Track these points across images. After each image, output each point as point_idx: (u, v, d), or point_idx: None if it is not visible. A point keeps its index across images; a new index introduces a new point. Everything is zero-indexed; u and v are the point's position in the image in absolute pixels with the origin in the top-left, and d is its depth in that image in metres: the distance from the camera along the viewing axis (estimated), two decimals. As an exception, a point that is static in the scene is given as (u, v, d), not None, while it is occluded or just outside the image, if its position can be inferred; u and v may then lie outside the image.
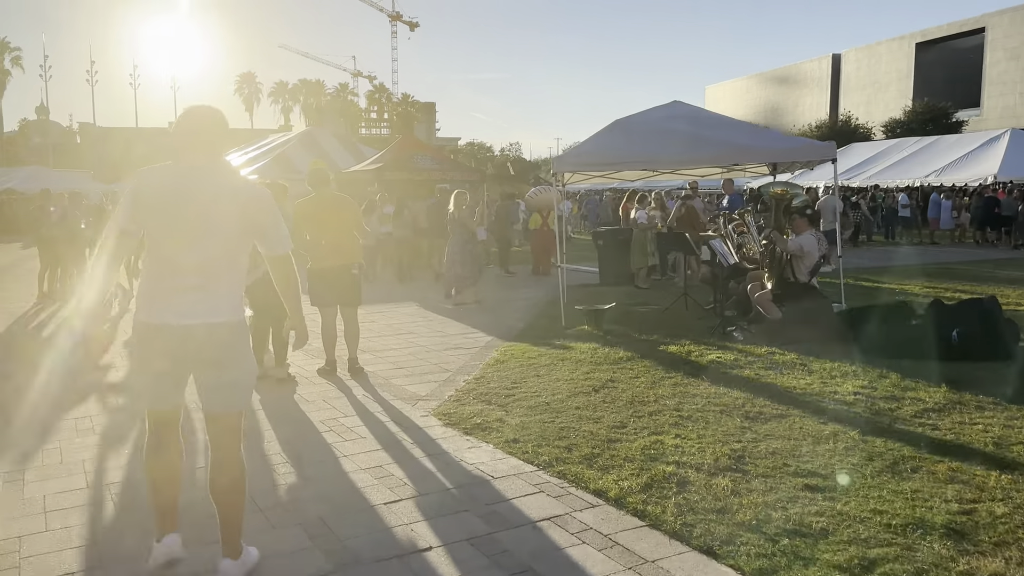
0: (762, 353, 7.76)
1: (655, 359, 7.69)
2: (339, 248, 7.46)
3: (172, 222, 3.23)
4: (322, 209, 7.45)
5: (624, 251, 15.08)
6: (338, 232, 7.48)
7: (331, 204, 7.53)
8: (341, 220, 7.49)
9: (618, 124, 10.39)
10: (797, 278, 8.24)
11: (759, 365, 7.31)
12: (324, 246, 7.41)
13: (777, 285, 8.27)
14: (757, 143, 9.46)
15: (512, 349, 8.60)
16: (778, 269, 8.24)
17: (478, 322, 10.68)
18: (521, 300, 13.03)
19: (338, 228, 7.48)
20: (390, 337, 9.68)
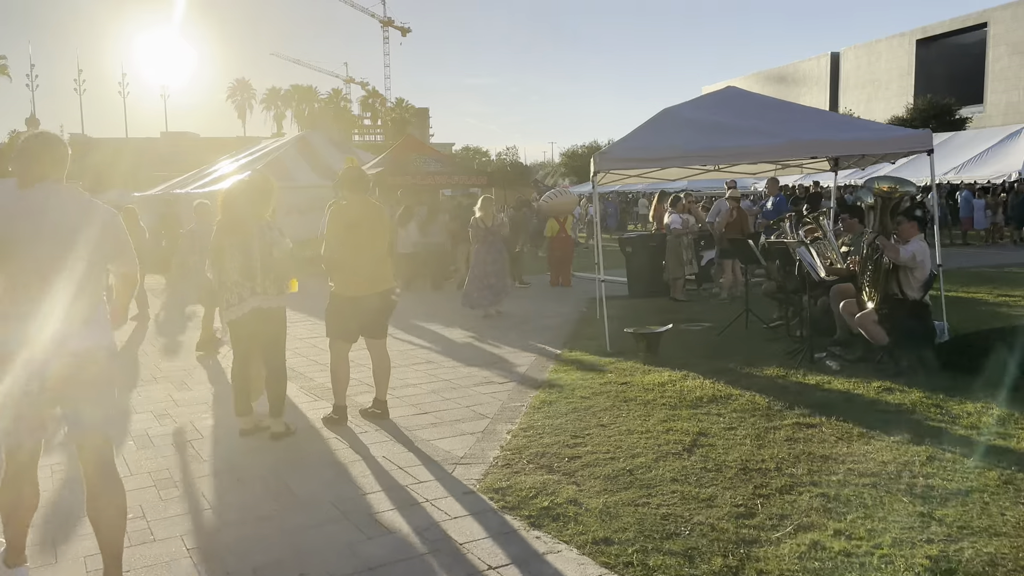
0: (876, 390, 6.26)
1: (744, 399, 6.18)
2: (380, 272, 6.08)
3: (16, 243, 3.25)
4: (363, 221, 6.00)
5: (656, 259, 13.60)
6: (377, 251, 6.08)
7: (372, 216, 6.08)
8: (379, 236, 6.10)
9: (667, 114, 8.91)
10: (906, 294, 6.75)
11: (884, 408, 5.81)
12: (363, 269, 5.97)
13: (883, 303, 6.78)
14: (839, 134, 7.99)
15: (557, 382, 7.10)
16: (883, 283, 6.75)
17: (505, 345, 9.17)
18: (548, 317, 11.52)
19: (377, 246, 6.08)
20: (406, 368, 8.16)
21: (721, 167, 9.97)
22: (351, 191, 6.05)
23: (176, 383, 7.77)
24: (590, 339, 9.40)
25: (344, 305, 5.99)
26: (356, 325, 6.03)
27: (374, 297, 5.96)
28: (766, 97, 9.31)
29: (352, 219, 5.94)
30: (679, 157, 8.08)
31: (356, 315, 5.97)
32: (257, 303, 5.73)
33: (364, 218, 5.95)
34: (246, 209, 5.78)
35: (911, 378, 6.50)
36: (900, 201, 6.78)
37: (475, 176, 20.42)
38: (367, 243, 5.92)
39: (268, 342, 5.94)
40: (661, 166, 8.58)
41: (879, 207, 6.79)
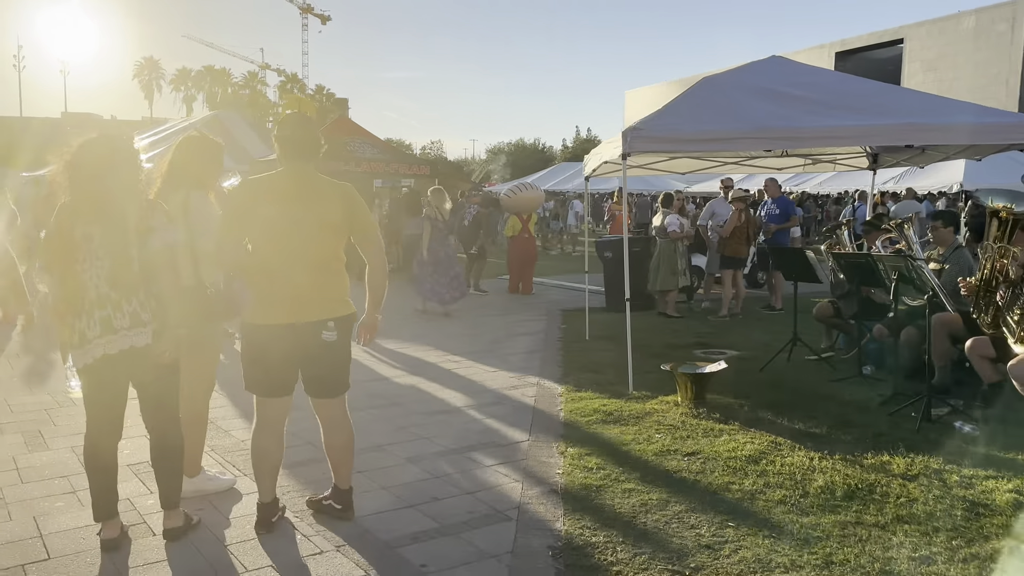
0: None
1: (896, 492, 4.16)
2: (315, 291, 3.68)
3: None
4: (292, 204, 3.64)
5: (639, 267, 11.60)
6: (315, 256, 3.68)
7: (311, 199, 3.69)
8: (320, 232, 3.67)
9: (712, 84, 6.87)
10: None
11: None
12: (283, 281, 3.64)
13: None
14: (939, 116, 6.11)
15: (582, 442, 4.94)
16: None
17: (486, 374, 6.97)
18: (523, 335, 9.36)
19: (317, 244, 3.68)
20: (364, 414, 5.86)
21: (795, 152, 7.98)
22: (289, 155, 3.71)
23: (28, 436, 5.28)
24: (594, 371, 7.31)
25: (254, 339, 3.71)
26: (281, 374, 3.73)
27: (299, 331, 3.63)
28: (830, 71, 7.38)
29: (274, 198, 3.64)
30: (741, 138, 6.03)
31: (276, 358, 3.68)
32: (130, 340, 3.43)
33: (295, 200, 3.63)
34: (118, 174, 3.46)
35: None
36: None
37: (417, 166, 18.04)
38: (295, 240, 3.60)
39: (153, 399, 3.63)
40: (715, 147, 6.55)
41: (1009, 224, 4.92)
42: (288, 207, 3.61)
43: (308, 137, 3.73)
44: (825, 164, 9.11)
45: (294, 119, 3.80)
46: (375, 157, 16.35)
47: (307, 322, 3.63)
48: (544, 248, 22.84)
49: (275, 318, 3.63)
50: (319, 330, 3.63)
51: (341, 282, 3.77)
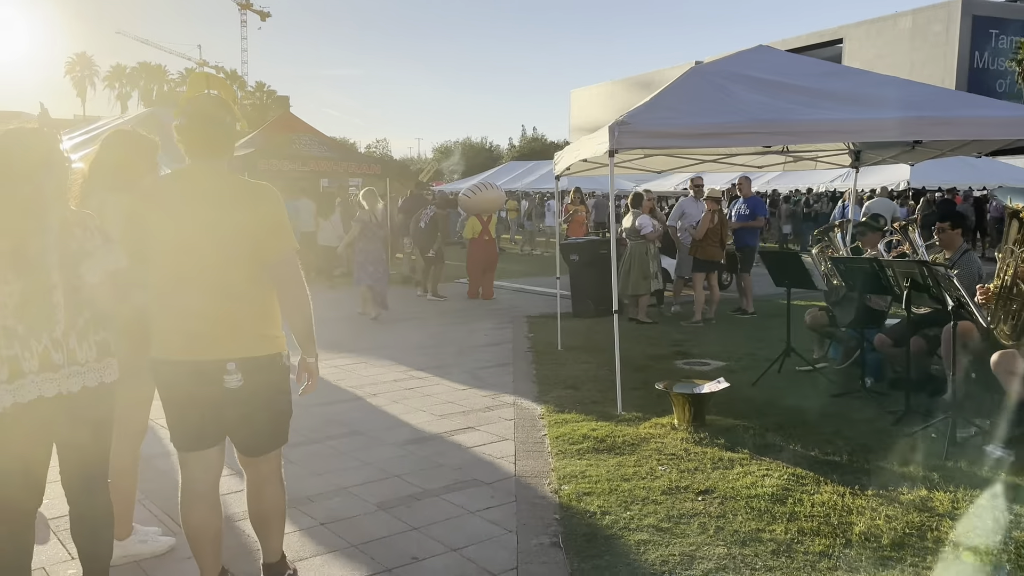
0: None
1: (948, 538, 3.63)
2: (214, 319, 2.91)
3: None
4: (193, 214, 2.90)
5: (607, 270, 11.04)
6: (217, 273, 2.91)
7: (213, 199, 2.93)
8: (234, 243, 2.90)
9: (700, 74, 6.29)
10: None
11: None
12: (182, 311, 2.91)
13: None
14: (949, 109, 5.62)
15: (578, 478, 4.31)
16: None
17: (455, 391, 6.28)
18: (490, 345, 8.70)
19: (221, 263, 2.91)
20: (320, 447, 5.14)
21: (794, 148, 7.46)
22: (192, 149, 2.95)
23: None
24: (573, 387, 6.70)
25: (156, 377, 3.00)
26: (197, 422, 2.98)
27: (200, 370, 2.88)
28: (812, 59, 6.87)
29: (169, 204, 2.91)
30: (741, 133, 5.46)
31: (184, 401, 2.95)
32: (56, 386, 2.70)
33: (195, 206, 2.89)
34: (31, 176, 2.74)
35: None
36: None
37: (368, 164, 17.20)
38: (192, 257, 2.87)
39: (79, 459, 2.90)
40: (710, 143, 5.98)
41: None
42: (185, 215, 2.86)
43: (215, 126, 2.94)
44: (807, 162, 8.66)
45: (198, 103, 2.99)
46: (323, 155, 15.48)
47: (207, 360, 2.87)
48: (520, 250, 22.23)
49: (172, 352, 2.90)
50: (220, 372, 2.87)
51: (257, 311, 2.95)
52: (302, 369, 3.12)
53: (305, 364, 3.12)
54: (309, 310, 3.06)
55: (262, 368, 2.95)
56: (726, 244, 10.16)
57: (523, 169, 41.76)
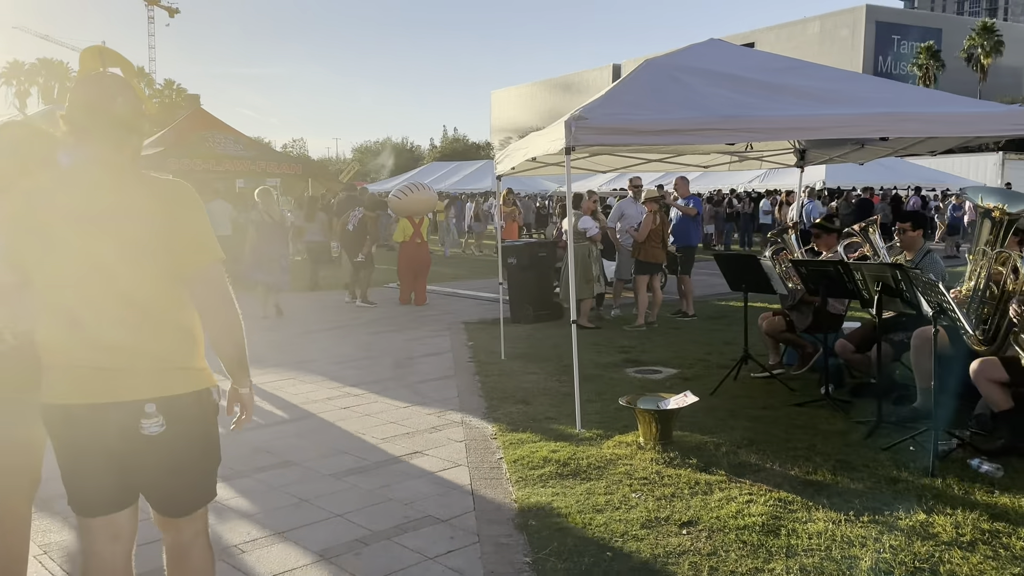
0: None
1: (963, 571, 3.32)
2: (124, 350, 2.30)
3: None
4: (76, 212, 2.27)
5: (546, 273, 10.67)
6: (123, 291, 2.30)
7: (111, 201, 2.30)
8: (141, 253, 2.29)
9: (654, 67, 5.90)
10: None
11: None
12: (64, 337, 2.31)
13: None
14: (918, 105, 5.42)
15: (546, 512, 3.86)
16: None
17: (395, 409, 5.74)
18: (428, 356, 8.16)
19: (127, 279, 2.30)
20: (243, 483, 4.53)
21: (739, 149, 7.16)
22: (84, 138, 2.34)
23: None
24: (523, 402, 6.24)
25: (47, 426, 2.40)
26: (99, 481, 2.38)
27: (104, 415, 2.29)
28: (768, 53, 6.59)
29: (58, 206, 2.30)
30: (707, 130, 5.08)
31: (82, 455, 2.36)
32: None
33: (90, 209, 2.28)
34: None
35: None
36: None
37: (287, 164, 16.36)
38: (91, 273, 2.28)
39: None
40: (672, 140, 5.60)
41: None
42: (83, 222, 2.26)
43: (108, 109, 2.34)
44: (752, 161, 8.44)
45: (89, 83, 2.39)
46: (239, 154, 14.63)
47: (118, 402, 2.28)
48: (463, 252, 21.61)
49: (70, 394, 2.30)
50: (136, 416, 2.31)
51: (179, 338, 2.38)
52: (233, 400, 2.58)
53: (238, 395, 2.58)
54: (241, 333, 2.50)
55: (188, 408, 2.38)
56: (667, 245, 9.89)
57: (446, 170, 41.22)
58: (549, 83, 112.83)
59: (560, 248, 10.58)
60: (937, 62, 63.53)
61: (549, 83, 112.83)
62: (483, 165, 39.80)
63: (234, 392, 2.57)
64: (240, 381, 2.56)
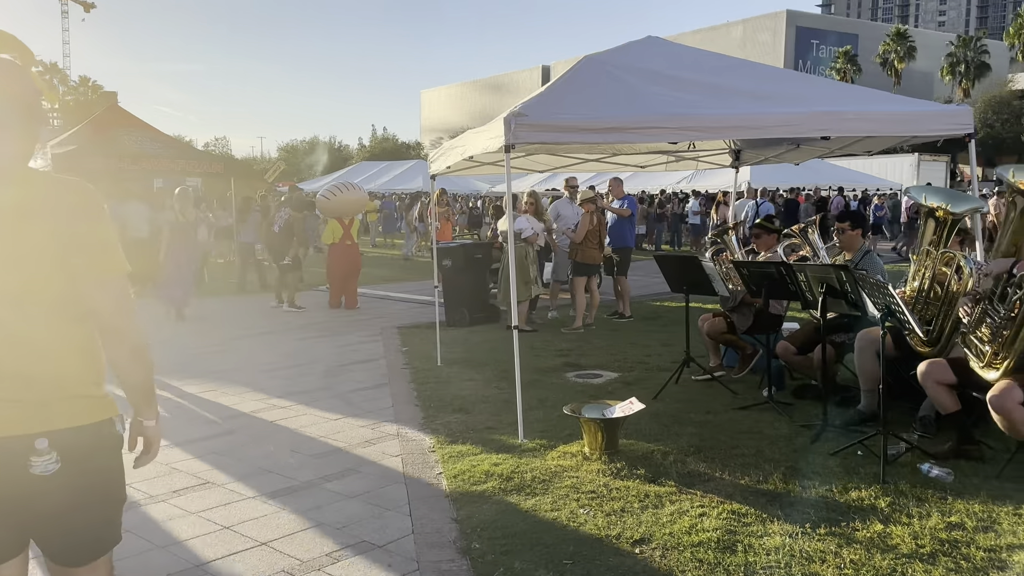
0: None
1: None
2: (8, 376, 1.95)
3: None
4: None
5: (483, 276, 10.43)
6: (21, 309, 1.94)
7: (10, 206, 1.93)
8: (34, 263, 1.95)
9: (594, 64, 5.71)
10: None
11: None
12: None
13: (1020, 369, 4.20)
14: (860, 103, 5.36)
15: (507, 566, 3.61)
16: (1014, 333, 4.15)
17: (332, 435, 5.41)
18: (359, 363, 7.82)
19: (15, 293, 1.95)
20: (167, 502, 4.15)
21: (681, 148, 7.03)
22: None
23: None
24: (462, 411, 5.98)
25: None
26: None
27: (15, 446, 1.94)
28: (705, 51, 6.48)
29: None
30: (649, 128, 4.91)
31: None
32: None
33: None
34: None
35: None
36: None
37: (208, 163, 15.68)
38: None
39: None
40: (614, 138, 5.40)
41: (1016, 214, 4.20)
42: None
43: (7, 101, 1.98)
44: (688, 161, 8.36)
45: None
46: (157, 153, 13.93)
47: (3, 437, 1.94)
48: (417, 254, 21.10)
49: None
50: (25, 453, 1.97)
51: (77, 363, 2.05)
52: (136, 434, 2.26)
53: (142, 428, 2.25)
54: (148, 357, 2.18)
55: (86, 442, 2.04)
56: (604, 247, 9.76)
57: (376, 169, 40.56)
58: (479, 83, 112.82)
59: (496, 249, 10.35)
60: (854, 66, 65.82)
61: (479, 83, 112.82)
62: (414, 165, 39.34)
63: (137, 425, 2.25)
64: (145, 412, 2.23)
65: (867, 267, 5.63)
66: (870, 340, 5.19)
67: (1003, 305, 4.17)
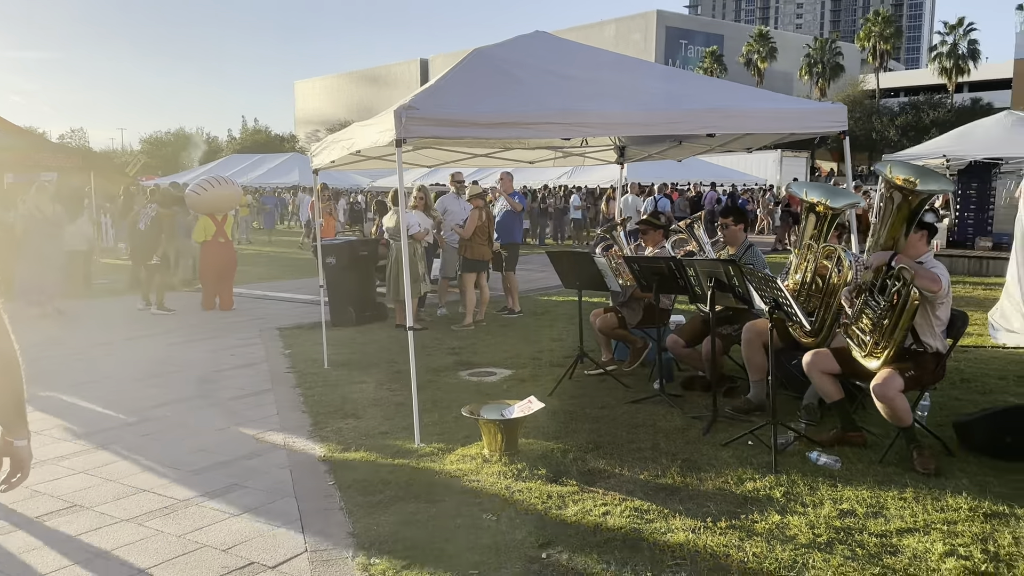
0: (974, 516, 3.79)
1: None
2: None
3: None
4: None
5: (369, 273, 10.13)
6: None
7: None
8: None
9: (484, 58, 5.59)
10: (924, 343, 4.46)
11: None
12: None
13: (902, 359, 4.38)
14: (737, 102, 5.46)
15: (397, 553, 3.46)
16: (902, 329, 4.32)
17: (214, 448, 5.06)
18: (238, 368, 7.41)
19: None
20: (31, 525, 3.74)
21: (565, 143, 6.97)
22: None
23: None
24: (353, 416, 5.76)
25: None
26: None
27: None
28: (592, 47, 6.46)
29: None
30: (545, 124, 4.82)
31: None
32: None
33: None
34: None
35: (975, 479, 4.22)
36: (921, 206, 4.43)
37: (64, 156, 14.55)
38: None
39: None
40: (508, 134, 5.27)
41: (893, 209, 4.38)
42: None
43: None
44: (575, 158, 8.39)
45: None
46: (7, 145, 12.79)
47: None
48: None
49: None
50: None
51: None
52: (3, 454, 2.01)
53: (11, 449, 2.01)
54: (18, 370, 1.94)
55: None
56: (493, 242, 9.69)
57: (249, 162, 39.04)
58: (355, 75, 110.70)
59: (382, 246, 10.08)
60: (720, 66, 68.72)
61: (355, 75, 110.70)
62: (289, 158, 38.16)
63: (6, 445, 1.99)
64: (15, 430, 1.99)
65: (751, 261, 5.79)
66: (757, 332, 5.34)
67: (883, 296, 4.35)
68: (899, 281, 4.25)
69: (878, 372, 4.33)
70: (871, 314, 4.41)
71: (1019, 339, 7.55)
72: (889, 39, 63.01)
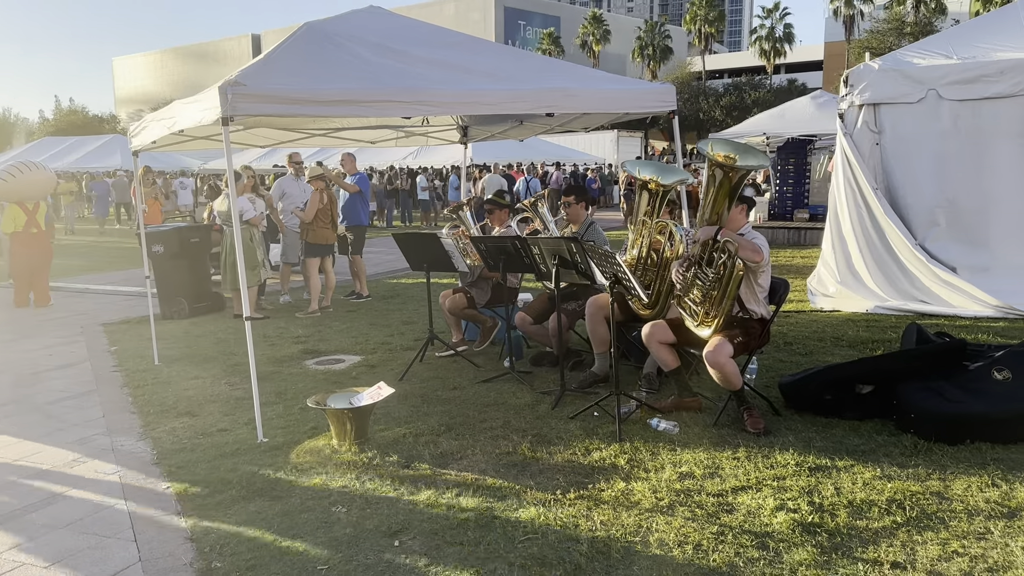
0: (799, 470, 4.06)
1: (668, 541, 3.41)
2: None
3: None
4: None
5: (202, 262, 9.59)
6: None
7: None
8: None
9: (316, 32, 5.34)
10: (750, 311, 4.73)
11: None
12: None
13: (732, 327, 4.61)
14: (576, 82, 5.52)
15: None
16: (731, 297, 4.56)
17: (30, 460, 4.62)
18: (62, 370, 6.82)
19: None
20: None
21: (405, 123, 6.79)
22: None
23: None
24: (189, 413, 5.45)
25: None
26: None
27: None
28: (424, 23, 6.34)
29: None
30: (381, 102, 4.68)
31: None
32: None
33: None
34: None
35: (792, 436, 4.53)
36: (741, 181, 4.66)
37: None
38: None
39: None
40: (342, 111, 5.03)
41: (716, 185, 4.59)
42: None
43: None
44: (418, 137, 8.27)
45: None
46: None
47: None
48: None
49: None
50: None
51: None
52: None
53: None
54: None
55: None
56: (337, 225, 9.42)
57: (65, 145, 35.93)
58: (181, 51, 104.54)
59: (215, 231, 9.56)
60: (557, 47, 70.10)
61: (181, 51, 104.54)
62: (110, 140, 35.48)
63: None
64: None
65: (592, 238, 5.94)
66: (599, 306, 5.49)
67: (711, 269, 4.58)
68: (724, 253, 4.49)
69: (709, 340, 4.56)
70: (701, 285, 4.64)
71: (835, 303, 8.22)
72: (713, 23, 66.41)
